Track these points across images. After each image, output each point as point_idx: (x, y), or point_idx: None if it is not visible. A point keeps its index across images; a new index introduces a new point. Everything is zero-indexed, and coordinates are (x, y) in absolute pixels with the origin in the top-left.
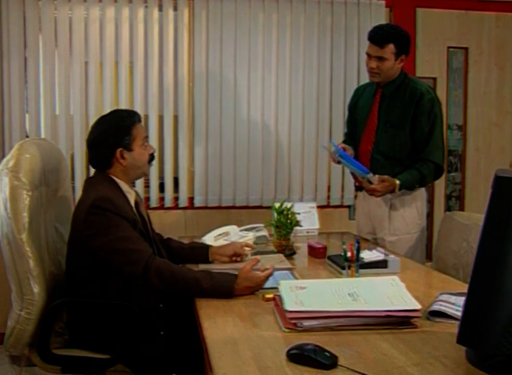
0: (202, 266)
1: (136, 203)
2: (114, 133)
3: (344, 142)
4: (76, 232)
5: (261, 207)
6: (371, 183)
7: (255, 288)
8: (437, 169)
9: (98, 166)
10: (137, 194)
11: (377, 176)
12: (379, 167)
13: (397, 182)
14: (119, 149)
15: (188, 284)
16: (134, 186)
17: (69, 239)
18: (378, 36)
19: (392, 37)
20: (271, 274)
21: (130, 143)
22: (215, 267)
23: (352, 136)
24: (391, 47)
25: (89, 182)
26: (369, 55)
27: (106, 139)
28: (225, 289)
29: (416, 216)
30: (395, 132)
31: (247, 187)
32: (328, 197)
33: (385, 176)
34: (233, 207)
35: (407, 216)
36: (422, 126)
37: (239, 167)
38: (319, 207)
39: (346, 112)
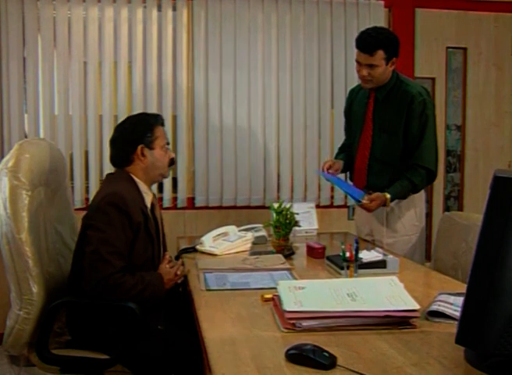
0: (201, 265)
1: (152, 205)
2: (136, 130)
3: (341, 148)
4: (83, 223)
5: (263, 207)
6: (359, 201)
7: (174, 280)
8: (429, 174)
9: (119, 162)
10: (154, 196)
11: (366, 196)
12: (375, 173)
13: (388, 196)
14: (141, 146)
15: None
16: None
17: (79, 233)
18: (367, 44)
19: (381, 42)
20: (181, 269)
21: (152, 141)
22: (216, 267)
23: (350, 138)
24: (381, 53)
25: (109, 177)
26: (359, 63)
27: (128, 135)
28: (159, 289)
29: (414, 218)
30: (388, 137)
31: (249, 187)
32: (332, 197)
33: (374, 195)
34: (234, 207)
35: (404, 218)
36: (413, 129)
37: (240, 167)
38: (322, 207)
39: (343, 109)
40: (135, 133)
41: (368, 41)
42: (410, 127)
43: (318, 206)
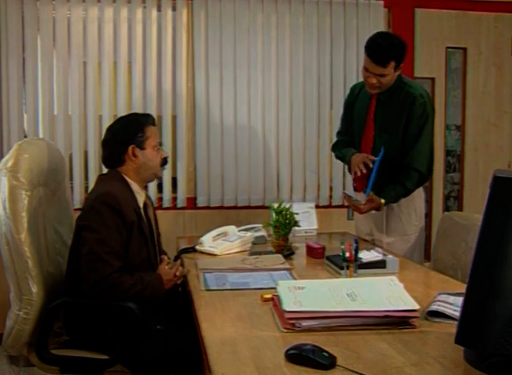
0: (201, 266)
1: (145, 205)
2: (127, 130)
3: (337, 141)
4: (77, 224)
5: (262, 207)
6: (356, 201)
7: (173, 280)
8: (420, 177)
9: (111, 163)
10: (148, 197)
11: (367, 197)
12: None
13: (382, 201)
14: (132, 146)
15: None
16: (147, 188)
17: (73, 234)
18: (380, 56)
19: (394, 54)
20: (180, 270)
21: (143, 141)
22: (215, 267)
23: (347, 134)
24: (392, 63)
25: (101, 178)
26: (368, 71)
27: (120, 136)
28: (159, 289)
29: (413, 218)
30: (389, 138)
31: (249, 187)
32: (331, 196)
33: (374, 198)
34: (235, 207)
35: (404, 217)
36: (412, 129)
37: (240, 167)
38: (321, 207)
39: (342, 109)
40: (126, 134)
41: (382, 54)
42: (408, 128)
43: (316, 206)
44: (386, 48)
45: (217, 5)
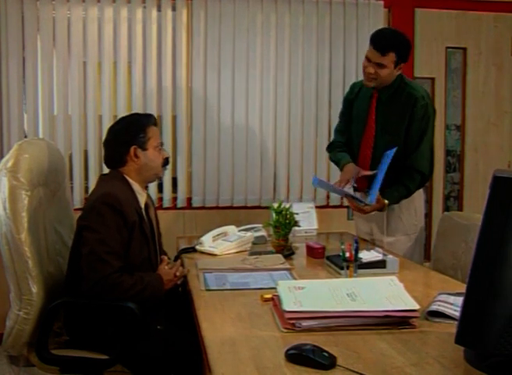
0: (201, 266)
1: (147, 205)
2: (129, 131)
3: (334, 142)
4: (78, 224)
5: (259, 207)
6: (361, 201)
7: (174, 280)
8: (422, 178)
9: (112, 163)
10: (149, 197)
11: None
12: None
13: (386, 202)
14: (134, 147)
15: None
16: (147, 188)
17: (74, 234)
18: (381, 44)
19: (395, 45)
20: (180, 270)
21: (145, 142)
22: (215, 267)
23: (345, 132)
24: (392, 55)
25: (102, 178)
26: (368, 60)
27: (121, 136)
28: (159, 289)
29: (413, 218)
30: (390, 138)
31: (245, 188)
32: (328, 197)
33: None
34: (231, 207)
35: (404, 217)
36: (413, 131)
37: (237, 167)
38: (318, 207)
39: (341, 106)
40: (127, 134)
41: (384, 41)
42: (410, 129)
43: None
44: (389, 37)
45: (216, 5)
